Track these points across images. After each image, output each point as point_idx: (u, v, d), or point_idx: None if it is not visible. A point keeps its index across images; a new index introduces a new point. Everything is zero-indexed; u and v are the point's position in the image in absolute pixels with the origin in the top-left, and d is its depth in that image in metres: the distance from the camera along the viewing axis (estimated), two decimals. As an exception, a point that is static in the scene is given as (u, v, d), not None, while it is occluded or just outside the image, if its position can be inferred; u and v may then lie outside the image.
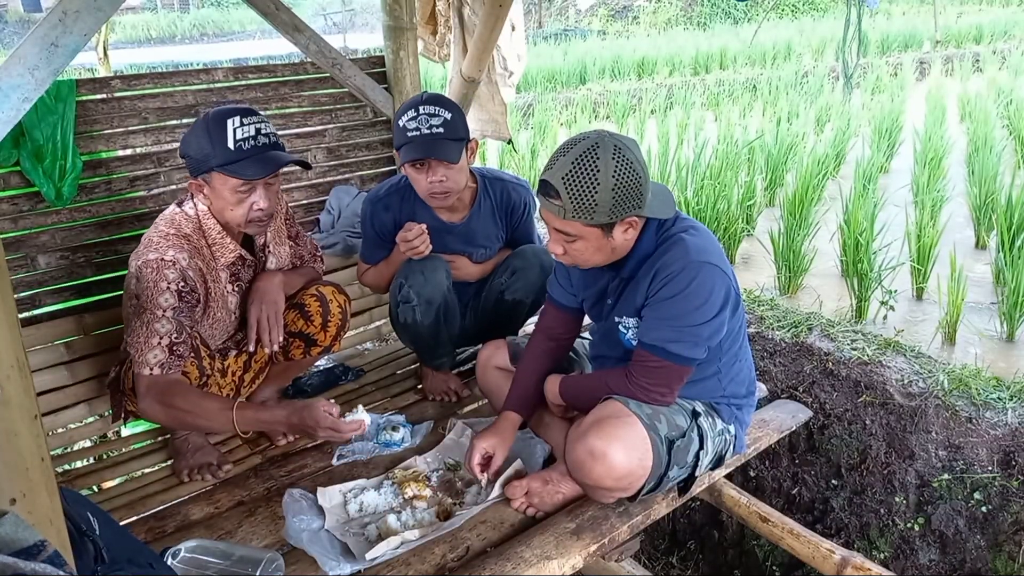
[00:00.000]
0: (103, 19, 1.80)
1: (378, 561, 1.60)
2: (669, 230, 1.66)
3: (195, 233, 1.87)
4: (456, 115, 2.05)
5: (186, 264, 1.80)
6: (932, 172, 4.59)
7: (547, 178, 1.54)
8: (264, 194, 1.82)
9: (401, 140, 2.04)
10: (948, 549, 2.38)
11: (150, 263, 1.77)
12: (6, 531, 0.59)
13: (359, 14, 20.44)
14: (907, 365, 2.58)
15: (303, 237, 2.21)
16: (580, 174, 1.49)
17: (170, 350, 1.77)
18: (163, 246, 1.80)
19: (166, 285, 1.77)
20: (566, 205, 1.52)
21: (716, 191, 4.13)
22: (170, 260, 1.78)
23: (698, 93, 9.54)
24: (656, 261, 1.63)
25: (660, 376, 1.65)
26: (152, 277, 1.77)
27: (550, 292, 1.95)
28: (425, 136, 2.00)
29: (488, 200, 2.27)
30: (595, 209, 1.51)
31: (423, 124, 2.01)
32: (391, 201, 2.22)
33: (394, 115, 2.09)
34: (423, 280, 2.15)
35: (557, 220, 1.57)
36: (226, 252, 1.91)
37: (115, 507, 1.89)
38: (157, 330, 1.76)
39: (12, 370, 0.66)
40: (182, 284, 1.79)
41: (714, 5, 19.57)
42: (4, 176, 2.12)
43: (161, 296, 1.76)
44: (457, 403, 2.35)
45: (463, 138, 2.07)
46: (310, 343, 2.12)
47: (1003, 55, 11.21)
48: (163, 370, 1.76)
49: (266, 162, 1.79)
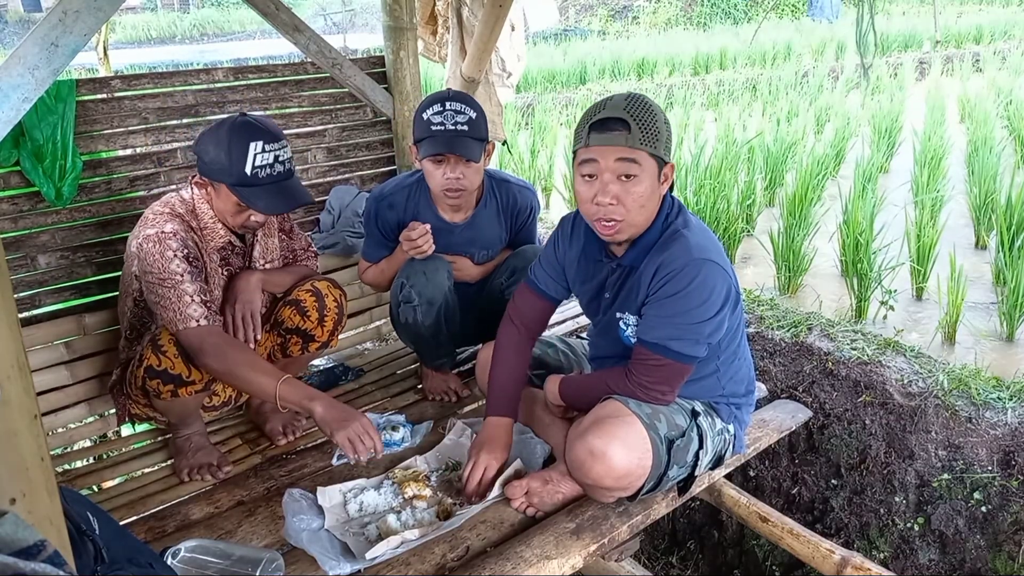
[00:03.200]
0: (103, 19, 1.80)
1: (378, 561, 1.60)
2: (673, 222, 1.66)
3: (188, 215, 1.90)
4: (480, 115, 2.06)
5: (185, 236, 1.84)
6: (932, 172, 4.59)
7: (607, 115, 1.55)
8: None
9: (423, 133, 2.03)
10: (948, 549, 2.38)
11: (150, 237, 1.80)
12: (6, 531, 0.59)
13: (359, 14, 20.43)
14: (907, 365, 2.58)
15: (297, 233, 2.22)
16: (640, 104, 1.56)
17: (205, 305, 1.80)
18: (159, 222, 1.84)
19: (172, 254, 1.80)
20: (635, 132, 1.54)
21: (716, 191, 4.13)
22: (170, 232, 1.81)
23: (698, 93, 9.54)
24: (657, 257, 1.63)
25: (661, 374, 1.65)
26: (156, 250, 1.79)
27: (532, 275, 1.91)
28: (450, 131, 2.00)
29: (494, 201, 2.27)
30: (658, 137, 1.56)
31: (448, 120, 2.00)
32: (395, 199, 2.22)
33: (416, 109, 2.08)
34: (425, 280, 2.15)
35: (624, 151, 1.55)
36: (216, 237, 1.94)
37: (115, 507, 1.89)
38: (185, 291, 1.78)
39: (12, 370, 0.66)
40: (186, 251, 1.82)
41: (714, 5, 19.56)
42: (4, 176, 2.12)
43: (171, 264, 1.79)
44: (457, 403, 2.35)
45: (484, 139, 2.08)
46: (307, 339, 2.12)
47: (1003, 55, 11.20)
48: (209, 321, 1.79)
49: (278, 199, 1.83)
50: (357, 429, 1.72)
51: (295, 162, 2.73)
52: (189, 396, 1.86)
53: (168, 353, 1.79)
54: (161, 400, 1.87)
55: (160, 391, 1.83)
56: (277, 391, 1.72)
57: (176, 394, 1.83)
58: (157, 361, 1.79)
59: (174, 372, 1.80)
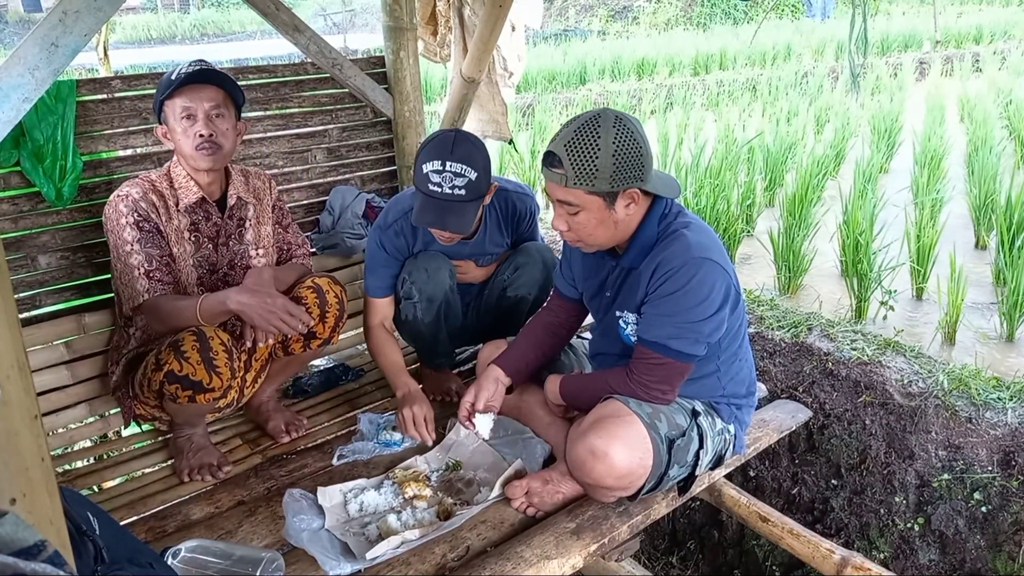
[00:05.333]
0: (103, 19, 1.80)
1: (378, 561, 1.61)
2: (672, 223, 1.66)
3: (161, 178, 1.98)
4: (481, 171, 1.92)
5: (139, 196, 1.91)
6: (932, 172, 4.59)
7: (551, 148, 1.57)
8: (205, 123, 1.88)
9: (420, 185, 1.93)
10: (948, 549, 2.38)
11: (108, 203, 1.93)
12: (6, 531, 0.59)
13: (359, 14, 20.43)
14: (907, 365, 2.58)
15: (295, 230, 2.23)
16: (581, 141, 1.53)
17: (148, 276, 1.90)
18: (123, 189, 1.94)
19: (123, 221, 1.89)
20: (568, 172, 1.54)
21: (716, 191, 4.13)
22: (122, 195, 1.91)
23: (698, 93, 9.55)
24: (657, 256, 1.63)
25: (661, 373, 1.65)
26: (112, 215, 1.91)
27: (555, 283, 1.99)
28: (445, 196, 1.89)
29: (494, 212, 2.24)
30: (596, 175, 1.53)
31: (446, 182, 1.88)
32: (401, 227, 2.17)
33: (419, 147, 1.97)
34: (426, 277, 2.15)
35: (560, 189, 1.58)
36: (189, 193, 1.97)
37: (115, 507, 1.89)
38: (132, 264, 1.90)
39: (12, 370, 0.66)
40: (136, 215, 1.90)
41: (714, 5, 19.56)
42: (4, 176, 2.12)
43: (124, 232, 1.90)
44: (457, 403, 2.34)
45: (482, 195, 1.96)
46: (309, 336, 2.11)
47: (1003, 55, 11.20)
48: (151, 294, 1.90)
49: (195, 77, 1.87)
50: (272, 307, 1.81)
51: (295, 162, 2.75)
52: (206, 403, 1.86)
53: (191, 359, 1.78)
54: (176, 404, 1.87)
55: (178, 396, 1.82)
56: (199, 317, 1.83)
57: (194, 399, 1.83)
58: (179, 367, 1.78)
59: (195, 378, 1.79)
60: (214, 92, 1.89)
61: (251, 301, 1.82)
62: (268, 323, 1.81)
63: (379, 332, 2.21)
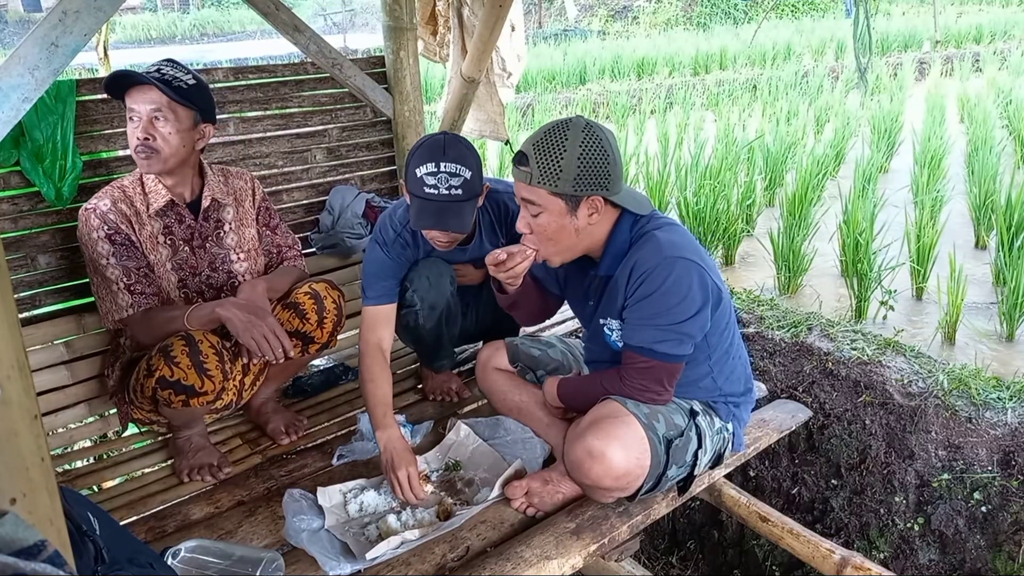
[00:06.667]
0: (103, 19, 1.80)
1: (378, 561, 1.60)
2: (643, 228, 1.66)
3: (132, 184, 1.97)
4: (475, 170, 1.90)
5: (107, 208, 1.90)
6: (932, 172, 4.60)
7: (521, 147, 1.60)
8: (143, 126, 1.85)
9: (415, 190, 1.89)
10: (948, 549, 2.38)
11: (80, 217, 1.92)
12: (6, 531, 0.59)
13: (359, 14, 20.44)
14: (907, 365, 2.58)
15: (284, 230, 2.22)
16: (549, 141, 1.56)
17: (130, 291, 1.90)
18: (92, 201, 1.93)
19: (95, 235, 1.89)
20: (533, 170, 1.56)
21: (716, 191, 4.13)
22: (91, 208, 1.90)
23: (698, 93, 9.55)
24: (631, 260, 1.62)
25: (652, 376, 1.65)
26: (84, 230, 1.91)
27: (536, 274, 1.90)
28: (443, 198, 1.86)
29: (487, 215, 2.23)
30: (559, 176, 1.54)
31: (442, 183, 1.85)
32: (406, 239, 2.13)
33: (410, 151, 1.92)
34: (428, 285, 2.14)
35: (524, 188, 1.60)
36: (158, 198, 1.97)
37: (115, 507, 1.89)
38: (110, 278, 1.90)
39: (12, 370, 0.66)
40: (107, 228, 1.89)
41: (714, 5, 19.57)
42: (4, 176, 2.12)
43: (97, 245, 1.89)
44: (457, 403, 2.35)
45: (479, 193, 1.94)
46: (307, 341, 2.11)
47: (1003, 55, 11.21)
48: (135, 309, 1.90)
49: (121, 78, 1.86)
50: (262, 329, 1.81)
51: (295, 162, 2.75)
52: (200, 406, 1.86)
53: (181, 364, 1.77)
54: (171, 408, 1.87)
55: (171, 401, 1.82)
56: (185, 326, 1.84)
57: (187, 403, 1.82)
58: (170, 372, 1.78)
59: (187, 383, 1.78)
60: (156, 95, 1.83)
61: (239, 315, 1.83)
62: (251, 340, 1.81)
63: (374, 357, 2.02)
